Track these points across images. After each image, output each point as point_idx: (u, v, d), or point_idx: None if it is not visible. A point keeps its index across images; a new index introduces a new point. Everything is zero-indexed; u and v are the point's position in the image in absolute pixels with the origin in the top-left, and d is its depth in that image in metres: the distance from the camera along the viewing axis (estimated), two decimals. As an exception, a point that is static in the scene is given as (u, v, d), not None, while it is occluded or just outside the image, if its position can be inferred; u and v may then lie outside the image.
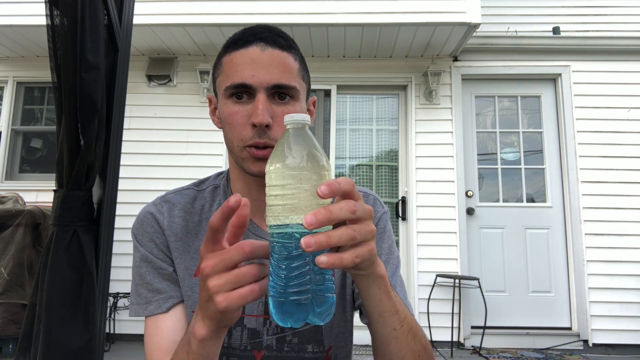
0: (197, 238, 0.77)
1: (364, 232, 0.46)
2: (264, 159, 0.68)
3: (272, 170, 0.48)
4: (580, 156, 3.85)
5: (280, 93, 0.70)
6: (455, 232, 3.76)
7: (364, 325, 0.75)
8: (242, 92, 0.69)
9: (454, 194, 3.81)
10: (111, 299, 3.51)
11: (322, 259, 0.44)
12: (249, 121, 0.68)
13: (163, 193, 0.82)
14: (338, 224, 0.46)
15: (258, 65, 0.68)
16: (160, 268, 0.75)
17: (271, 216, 0.47)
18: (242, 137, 0.69)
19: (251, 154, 0.69)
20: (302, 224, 0.43)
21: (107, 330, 3.12)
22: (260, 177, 0.70)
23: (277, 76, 0.68)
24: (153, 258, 0.75)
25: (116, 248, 1.17)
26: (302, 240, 0.43)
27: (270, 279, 0.48)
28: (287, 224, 0.46)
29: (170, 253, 0.76)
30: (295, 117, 0.49)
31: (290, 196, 0.46)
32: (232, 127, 0.70)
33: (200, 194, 0.82)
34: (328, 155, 3.99)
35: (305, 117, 0.49)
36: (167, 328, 0.72)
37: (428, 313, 3.61)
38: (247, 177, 0.75)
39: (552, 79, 4.09)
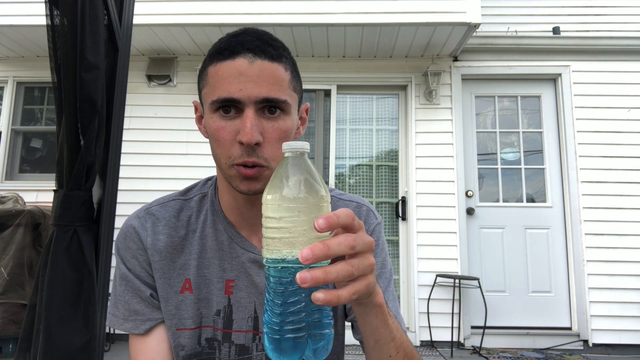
0: (183, 252, 0.74)
1: (362, 267, 0.44)
2: (253, 178, 0.66)
3: (269, 200, 0.45)
4: (580, 156, 3.85)
5: (270, 107, 0.66)
6: (455, 232, 3.76)
7: None
8: (230, 106, 0.65)
9: (454, 194, 3.81)
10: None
11: (319, 295, 0.42)
12: (236, 138, 0.64)
13: (148, 203, 0.79)
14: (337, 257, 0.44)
15: (246, 78, 0.64)
16: (138, 290, 0.73)
17: (267, 249, 0.45)
18: (230, 155, 0.66)
19: (239, 173, 0.66)
20: (298, 259, 0.41)
21: (107, 330, 3.12)
22: (249, 195, 0.68)
23: (267, 90, 0.64)
24: (133, 278, 0.74)
25: (116, 248, 1.17)
26: (298, 276, 0.41)
27: (266, 314, 0.46)
28: (284, 259, 0.44)
29: (153, 272, 0.74)
30: (294, 144, 0.47)
31: (286, 229, 0.44)
32: (219, 144, 0.67)
33: (186, 203, 0.78)
34: (328, 156, 3.99)
35: (305, 145, 0.47)
36: (151, 349, 0.73)
37: (428, 313, 3.61)
38: (235, 190, 0.72)
39: (552, 79, 4.09)
